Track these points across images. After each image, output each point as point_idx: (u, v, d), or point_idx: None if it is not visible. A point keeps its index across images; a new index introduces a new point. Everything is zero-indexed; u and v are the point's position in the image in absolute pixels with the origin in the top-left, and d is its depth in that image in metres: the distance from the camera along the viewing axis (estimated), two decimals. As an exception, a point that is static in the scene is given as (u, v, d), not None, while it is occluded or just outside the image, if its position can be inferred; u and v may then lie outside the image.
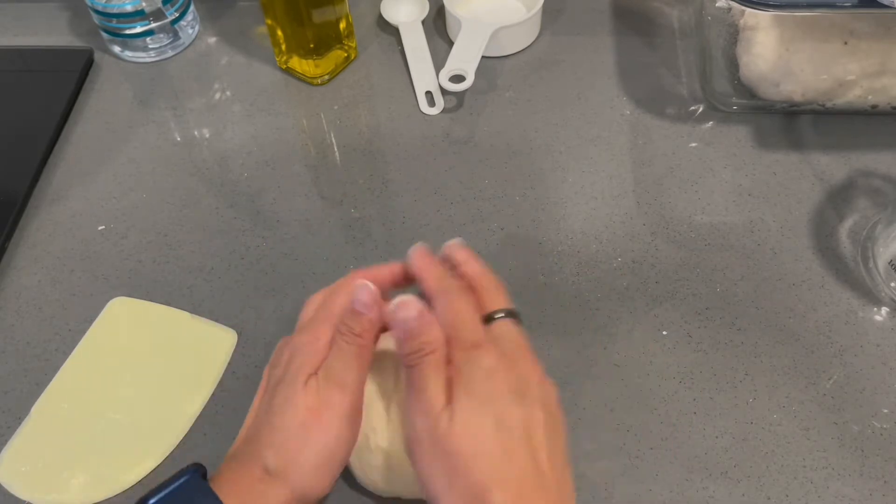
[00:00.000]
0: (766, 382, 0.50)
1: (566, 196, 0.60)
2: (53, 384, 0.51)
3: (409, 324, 0.40)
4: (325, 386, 0.40)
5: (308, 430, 0.39)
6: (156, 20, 0.68)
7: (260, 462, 0.39)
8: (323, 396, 0.40)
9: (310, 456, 0.39)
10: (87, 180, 0.63)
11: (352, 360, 0.41)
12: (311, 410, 0.39)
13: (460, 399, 0.38)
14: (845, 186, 0.59)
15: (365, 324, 0.42)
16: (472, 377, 0.38)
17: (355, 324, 0.42)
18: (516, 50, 0.70)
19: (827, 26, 0.57)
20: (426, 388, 0.38)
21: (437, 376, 0.39)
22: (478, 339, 0.40)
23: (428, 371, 0.39)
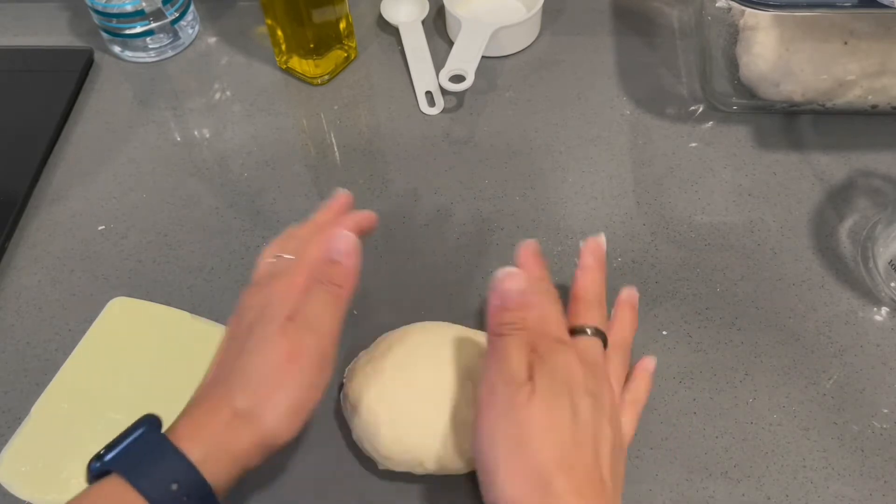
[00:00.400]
0: (766, 382, 0.50)
1: (566, 196, 0.60)
2: (53, 384, 0.51)
3: (511, 295, 0.40)
4: (303, 331, 0.40)
5: (283, 374, 0.39)
6: (156, 20, 0.68)
7: (230, 404, 0.39)
8: (299, 341, 0.40)
9: (283, 399, 0.39)
10: (87, 180, 0.63)
11: (330, 306, 0.41)
12: (288, 353, 0.39)
13: (543, 379, 0.38)
14: (845, 186, 0.59)
15: (342, 273, 0.42)
16: (554, 365, 0.39)
17: (333, 272, 0.42)
18: (516, 50, 0.70)
19: (827, 26, 0.57)
20: (511, 359, 0.39)
21: (522, 351, 0.39)
22: (563, 337, 0.41)
23: (516, 343, 0.39)
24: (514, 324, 0.40)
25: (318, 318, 0.41)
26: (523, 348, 0.39)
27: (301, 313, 0.41)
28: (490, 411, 0.38)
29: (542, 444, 0.36)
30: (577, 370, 0.40)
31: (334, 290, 0.42)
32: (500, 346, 0.40)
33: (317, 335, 0.40)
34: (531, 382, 0.38)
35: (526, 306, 0.41)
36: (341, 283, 0.42)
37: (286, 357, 0.39)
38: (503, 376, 0.39)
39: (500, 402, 0.38)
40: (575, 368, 0.40)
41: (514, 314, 0.40)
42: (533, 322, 0.41)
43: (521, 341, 0.40)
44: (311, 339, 0.40)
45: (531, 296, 0.41)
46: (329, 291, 0.42)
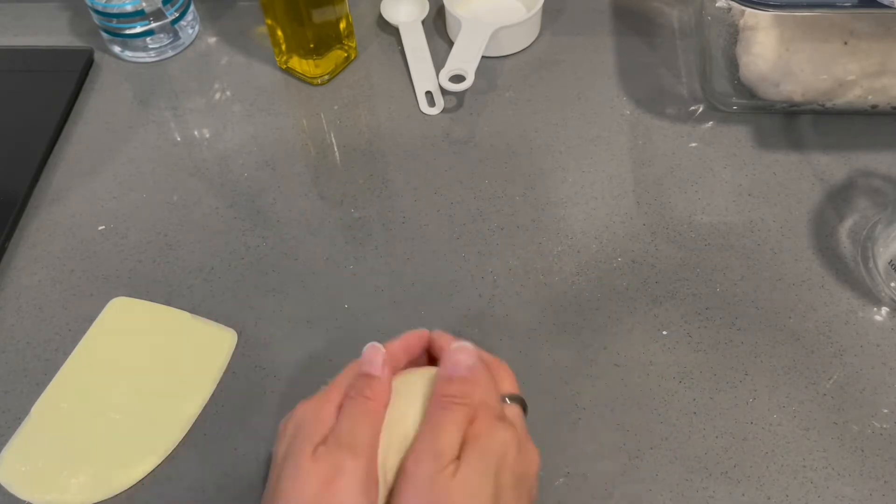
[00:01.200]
0: (766, 382, 0.50)
1: (566, 196, 0.60)
2: (53, 384, 0.51)
3: (459, 369, 0.40)
4: (336, 451, 0.38)
5: (322, 501, 0.37)
6: (156, 20, 0.68)
7: None
8: (334, 463, 0.37)
9: None
10: (87, 180, 0.63)
11: (363, 421, 0.39)
12: (323, 481, 0.37)
13: (472, 458, 0.37)
14: (845, 186, 0.59)
15: (376, 385, 0.40)
16: (488, 446, 0.38)
17: (365, 385, 0.40)
18: (516, 50, 0.70)
19: (827, 26, 0.57)
20: (444, 433, 0.38)
21: (458, 427, 0.38)
22: (502, 414, 0.40)
23: (454, 418, 0.38)
24: (456, 397, 0.39)
25: (352, 435, 0.38)
26: (461, 424, 0.39)
27: (334, 433, 0.39)
28: (412, 483, 0.37)
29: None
30: (511, 450, 0.39)
31: (368, 403, 0.40)
32: (438, 419, 0.39)
33: (353, 454, 0.38)
34: (457, 461, 0.37)
35: (474, 383, 0.40)
36: (375, 395, 0.40)
37: (321, 485, 0.37)
38: (432, 449, 0.38)
39: (423, 475, 0.37)
40: (509, 449, 0.39)
41: (460, 388, 0.40)
42: (476, 399, 0.40)
43: (460, 416, 0.39)
44: (347, 459, 0.37)
45: (479, 372, 0.40)
46: (363, 405, 0.39)
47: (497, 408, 0.40)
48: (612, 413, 0.49)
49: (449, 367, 0.40)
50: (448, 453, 0.38)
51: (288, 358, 0.52)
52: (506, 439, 0.39)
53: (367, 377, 0.40)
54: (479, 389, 0.40)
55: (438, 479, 0.37)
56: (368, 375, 0.41)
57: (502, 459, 0.38)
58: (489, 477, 0.37)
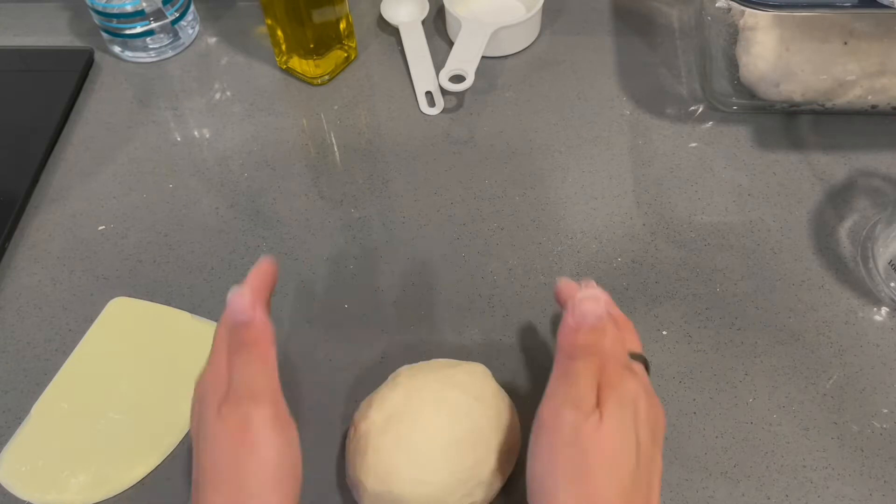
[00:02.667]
0: (766, 382, 0.50)
1: (566, 196, 0.60)
2: (53, 384, 0.51)
3: (589, 318, 0.38)
4: (237, 405, 0.37)
5: (242, 457, 0.36)
6: (156, 20, 0.68)
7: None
8: (239, 416, 0.37)
9: (255, 481, 0.36)
10: (87, 180, 0.63)
11: (254, 367, 0.38)
12: (236, 436, 0.37)
13: (613, 408, 0.37)
14: (845, 186, 0.59)
15: (252, 329, 0.39)
16: (623, 396, 0.38)
17: (244, 333, 0.39)
18: (516, 50, 0.70)
19: (827, 26, 0.57)
20: (581, 384, 0.38)
21: (592, 377, 0.38)
22: (631, 365, 0.40)
23: (587, 368, 0.38)
24: (588, 347, 0.38)
25: (248, 384, 0.38)
26: (594, 374, 0.38)
27: (231, 389, 0.38)
28: (554, 434, 0.37)
29: (606, 478, 0.36)
30: (642, 400, 0.39)
31: (252, 349, 0.38)
32: (571, 369, 0.38)
33: (254, 401, 0.37)
34: (599, 411, 0.37)
35: (602, 331, 0.39)
36: (255, 339, 0.38)
37: (235, 438, 0.37)
38: (571, 400, 0.37)
39: (566, 427, 0.37)
40: (640, 398, 0.39)
41: (589, 338, 0.38)
42: (605, 348, 0.39)
43: (592, 366, 0.38)
44: (251, 407, 0.37)
45: (607, 322, 0.40)
46: (248, 352, 0.38)
47: (625, 359, 0.40)
48: (612, 413, 0.49)
49: (578, 316, 0.39)
50: (588, 402, 0.37)
51: (288, 358, 0.52)
52: (637, 389, 0.39)
53: (242, 325, 0.39)
54: (608, 338, 0.39)
55: (584, 430, 0.37)
56: (242, 323, 0.39)
57: (636, 410, 0.38)
58: (630, 429, 0.38)
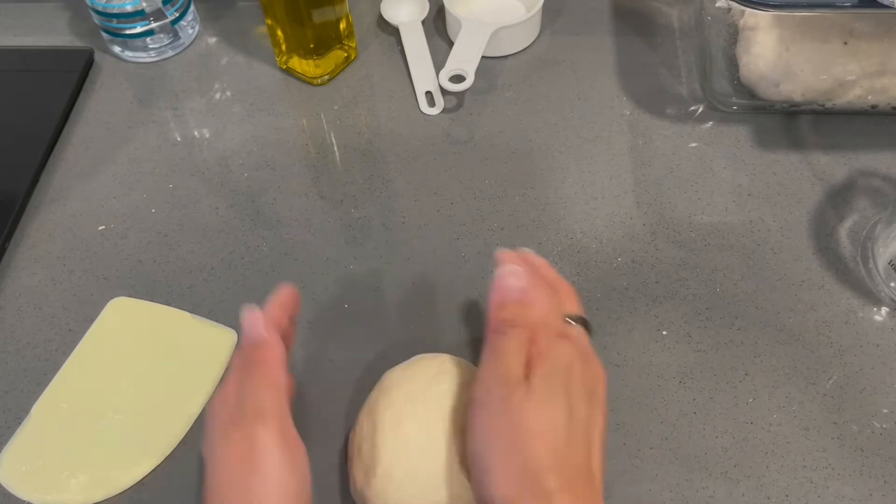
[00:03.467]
0: (766, 382, 0.50)
1: (566, 196, 0.60)
2: (53, 384, 0.51)
3: (512, 292, 0.40)
4: (244, 424, 0.37)
5: (249, 475, 0.36)
6: (156, 20, 0.68)
7: None
8: (246, 436, 0.37)
9: (266, 499, 0.36)
10: (87, 180, 0.63)
11: (261, 386, 0.39)
12: (243, 455, 0.37)
13: (540, 378, 0.38)
14: (845, 186, 0.59)
15: (262, 349, 0.40)
16: (554, 363, 0.38)
17: (251, 353, 0.40)
18: (516, 50, 0.70)
19: (827, 26, 0.57)
20: (507, 358, 0.38)
21: (520, 349, 0.39)
22: (563, 331, 0.40)
23: (514, 341, 0.39)
24: (514, 320, 0.40)
25: (255, 403, 0.38)
26: (522, 346, 0.39)
27: (238, 408, 0.38)
28: (485, 411, 0.38)
29: (537, 445, 0.36)
30: (576, 364, 0.39)
31: (260, 368, 0.39)
32: (498, 343, 0.39)
33: (261, 420, 0.37)
34: (527, 382, 0.38)
35: (527, 303, 0.40)
36: (264, 358, 0.39)
37: (242, 457, 0.37)
38: (499, 375, 0.38)
39: (495, 402, 0.37)
40: (574, 363, 0.39)
41: (514, 311, 0.40)
42: (532, 319, 0.40)
43: (520, 338, 0.39)
44: (257, 427, 0.37)
45: (533, 292, 0.41)
46: (255, 371, 0.39)
47: (557, 325, 0.40)
48: (612, 413, 0.49)
49: (501, 291, 0.40)
50: (515, 375, 0.38)
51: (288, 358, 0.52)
52: (569, 354, 0.39)
53: (252, 345, 0.40)
54: (534, 310, 0.40)
55: (512, 402, 0.37)
56: (253, 343, 0.40)
57: (569, 375, 0.38)
58: (560, 394, 0.38)
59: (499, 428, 0.37)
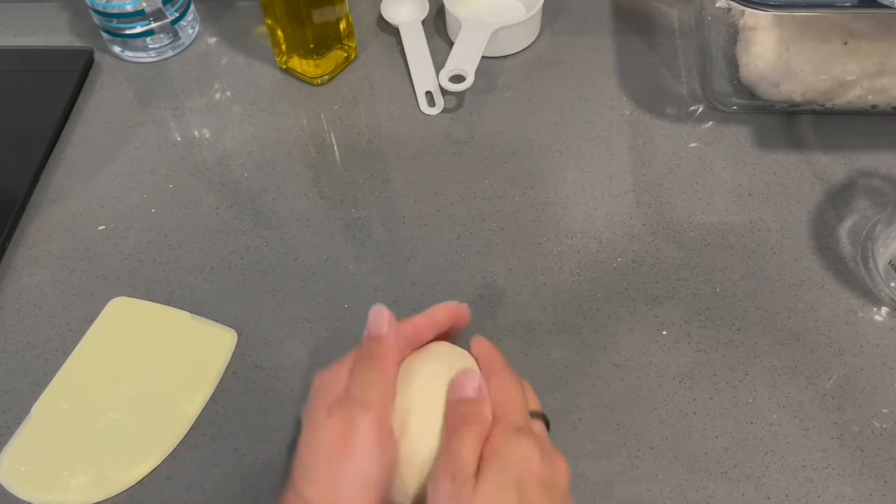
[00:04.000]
0: (766, 382, 0.50)
1: (566, 196, 0.60)
2: (53, 384, 0.51)
3: (465, 391, 0.41)
4: (348, 407, 0.39)
5: (340, 458, 0.38)
6: (156, 20, 0.68)
7: (300, 496, 0.38)
8: (347, 418, 0.39)
9: (349, 482, 0.38)
10: (87, 180, 0.63)
11: (372, 379, 0.41)
12: (339, 437, 0.38)
13: (490, 473, 0.38)
14: (845, 186, 0.59)
15: (380, 345, 0.42)
16: (507, 458, 0.39)
17: (372, 346, 0.42)
18: (516, 50, 0.70)
19: (827, 26, 0.57)
20: (460, 454, 0.39)
21: (474, 445, 0.39)
22: (523, 424, 0.41)
23: (467, 438, 0.39)
24: (468, 417, 0.40)
25: (363, 392, 0.40)
26: (475, 443, 0.39)
27: (346, 392, 0.40)
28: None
29: None
30: (535, 460, 0.39)
31: (375, 362, 0.41)
32: (451, 441, 0.40)
33: (365, 409, 0.39)
34: (476, 477, 0.38)
35: (481, 401, 0.41)
36: (380, 355, 0.42)
37: (337, 438, 0.38)
38: (451, 469, 0.38)
39: (444, 496, 0.38)
40: (532, 459, 0.39)
41: (469, 408, 0.40)
42: (488, 417, 0.40)
43: (474, 435, 0.39)
44: (359, 414, 0.39)
45: (485, 391, 0.41)
46: (370, 364, 0.41)
47: (517, 420, 0.41)
48: (612, 413, 0.49)
49: (457, 390, 0.41)
50: (465, 472, 0.38)
51: (288, 358, 0.52)
52: (525, 450, 0.39)
53: (372, 339, 0.42)
54: (487, 407, 0.41)
55: (460, 498, 0.37)
56: (373, 337, 0.42)
57: (524, 470, 0.38)
58: (510, 489, 0.38)
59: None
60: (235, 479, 0.48)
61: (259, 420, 0.50)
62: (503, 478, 0.38)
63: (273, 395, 0.51)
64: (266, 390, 0.51)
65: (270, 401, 0.51)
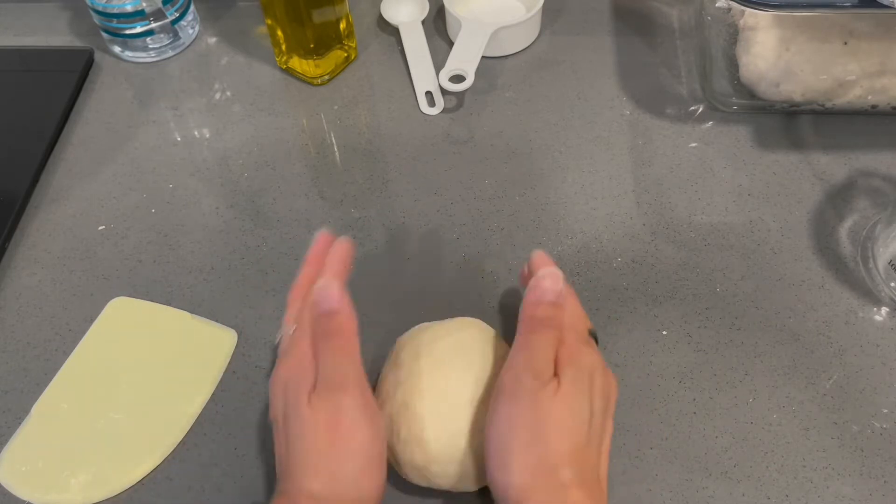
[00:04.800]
0: (766, 382, 0.50)
1: (566, 196, 0.60)
2: (53, 384, 0.51)
3: (548, 294, 0.42)
4: (328, 394, 0.40)
5: (335, 444, 0.39)
6: (156, 20, 0.68)
7: (304, 493, 0.38)
8: (331, 404, 0.39)
9: (348, 467, 0.39)
10: (87, 180, 0.63)
11: (341, 357, 0.41)
12: (327, 424, 0.39)
13: (570, 378, 0.40)
14: (845, 186, 0.59)
15: (339, 319, 0.42)
16: (581, 367, 0.41)
17: (329, 323, 0.42)
18: (516, 50, 0.70)
19: (827, 26, 0.57)
20: (540, 354, 0.40)
21: (550, 348, 0.41)
22: (587, 339, 0.43)
23: (547, 340, 0.41)
24: (548, 321, 0.42)
25: (336, 374, 0.40)
26: (552, 345, 0.41)
27: (321, 378, 0.40)
28: (512, 400, 0.39)
29: (560, 440, 0.38)
30: (598, 373, 0.41)
31: (339, 340, 0.41)
32: (531, 340, 0.41)
33: (344, 390, 0.40)
34: (556, 379, 0.40)
35: (561, 306, 0.42)
36: (342, 329, 0.41)
37: (327, 426, 0.39)
38: (531, 369, 0.40)
39: (525, 394, 0.39)
40: (597, 371, 0.41)
41: (548, 311, 0.42)
42: (564, 322, 0.42)
43: (552, 338, 0.41)
44: (341, 396, 0.40)
45: (565, 297, 0.43)
46: (335, 342, 0.41)
47: (583, 332, 0.43)
48: (612, 413, 0.49)
49: (538, 292, 0.42)
50: (546, 372, 0.40)
51: (288, 358, 0.52)
52: (593, 362, 0.42)
53: (328, 315, 0.42)
54: (566, 313, 0.42)
55: (542, 397, 0.39)
56: (329, 313, 0.42)
57: (592, 380, 0.41)
58: (585, 396, 0.40)
59: (525, 418, 0.39)
60: (235, 479, 0.48)
61: (259, 420, 0.50)
62: (579, 384, 0.40)
63: (273, 395, 0.51)
64: (266, 390, 0.51)
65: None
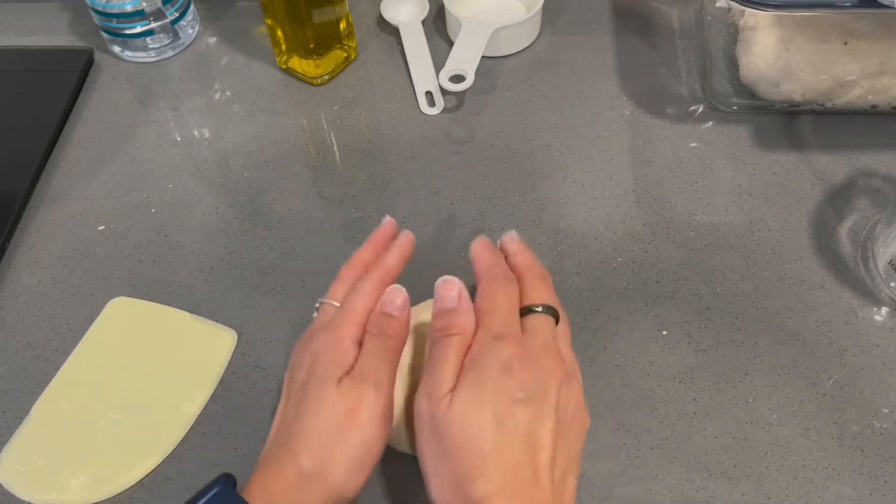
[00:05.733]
0: (766, 382, 0.50)
1: (566, 196, 0.60)
2: (53, 384, 0.51)
3: (444, 301, 0.41)
4: (360, 385, 0.40)
5: (345, 431, 0.39)
6: (156, 20, 0.68)
7: (295, 465, 0.39)
8: (359, 396, 0.39)
9: (347, 456, 0.39)
10: (87, 180, 0.63)
11: (385, 359, 0.41)
12: (348, 411, 0.39)
13: (465, 388, 0.38)
14: (845, 186, 0.59)
15: (396, 325, 0.42)
16: (484, 369, 0.38)
17: (387, 325, 0.42)
18: (516, 50, 0.70)
19: (827, 26, 0.57)
20: (438, 369, 0.39)
21: (452, 359, 0.39)
22: (503, 331, 0.40)
23: (445, 352, 0.39)
24: (446, 330, 0.40)
25: (374, 371, 0.40)
26: (456, 355, 0.39)
27: (359, 368, 0.40)
28: (418, 428, 0.39)
29: (459, 455, 0.37)
30: (512, 368, 0.38)
31: (389, 342, 0.42)
32: (432, 354, 0.40)
33: (375, 388, 0.40)
34: (452, 393, 0.38)
35: (460, 312, 0.41)
36: (395, 335, 0.42)
37: (345, 414, 0.39)
38: (429, 387, 0.39)
39: (423, 420, 0.39)
40: (509, 367, 0.38)
41: (445, 320, 0.41)
42: (468, 326, 0.40)
43: (454, 347, 0.40)
44: (369, 393, 0.40)
45: (465, 301, 0.41)
46: (384, 344, 0.42)
47: (497, 326, 0.40)
48: (612, 413, 0.49)
49: (438, 301, 0.42)
50: (441, 389, 0.38)
51: (288, 358, 0.52)
52: (503, 357, 0.38)
53: (388, 317, 0.42)
54: (467, 316, 0.41)
55: (436, 415, 0.38)
56: (389, 315, 0.42)
57: (502, 378, 0.38)
58: (484, 402, 0.37)
59: (428, 442, 0.38)
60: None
61: (259, 420, 0.50)
62: (479, 391, 0.38)
63: (273, 395, 0.51)
64: (266, 390, 0.51)
65: (270, 401, 0.51)
